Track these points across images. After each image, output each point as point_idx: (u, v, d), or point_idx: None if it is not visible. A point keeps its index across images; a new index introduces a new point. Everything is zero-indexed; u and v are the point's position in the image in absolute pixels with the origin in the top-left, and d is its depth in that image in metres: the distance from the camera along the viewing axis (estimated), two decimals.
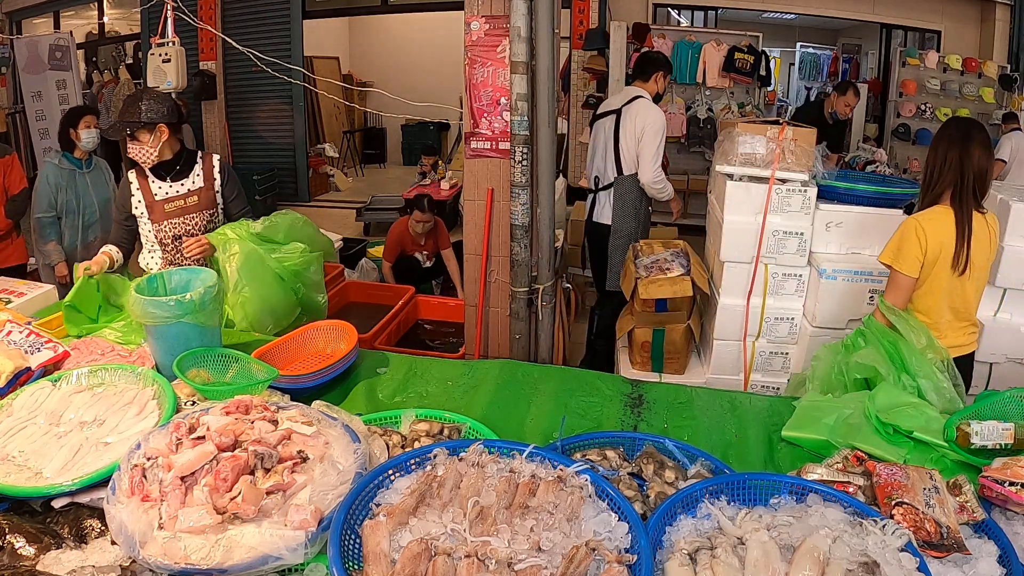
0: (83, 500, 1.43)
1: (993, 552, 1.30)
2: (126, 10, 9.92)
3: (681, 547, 1.24)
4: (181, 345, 1.88)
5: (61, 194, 3.84)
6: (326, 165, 10.00)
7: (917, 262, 2.19)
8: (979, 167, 2.17)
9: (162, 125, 2.58)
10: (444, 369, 2.15)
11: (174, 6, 5.65)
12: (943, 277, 2.21)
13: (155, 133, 2.57)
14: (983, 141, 2.19)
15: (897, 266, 2.21)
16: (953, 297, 2.25)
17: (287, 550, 1.19)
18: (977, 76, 7.58)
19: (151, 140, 2.57)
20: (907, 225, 2.22)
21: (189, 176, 2.71)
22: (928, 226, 2.18)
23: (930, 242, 2.17)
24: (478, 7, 2.82)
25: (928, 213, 2.21)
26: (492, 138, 2.94)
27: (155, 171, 2.67)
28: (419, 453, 1.43)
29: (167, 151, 2.64)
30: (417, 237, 4.91)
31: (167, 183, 2.68)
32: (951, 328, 2.28)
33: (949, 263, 2.18)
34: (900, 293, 2.23)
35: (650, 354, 3.25)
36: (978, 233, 2.19)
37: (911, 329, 2.15)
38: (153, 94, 2.62)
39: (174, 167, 2.68)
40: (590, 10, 7.42)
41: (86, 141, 3.84)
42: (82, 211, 3.90)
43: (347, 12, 9.89)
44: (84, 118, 3.85)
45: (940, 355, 2.10)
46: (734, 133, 2.99)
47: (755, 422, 1.89)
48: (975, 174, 2.17)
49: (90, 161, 3.97)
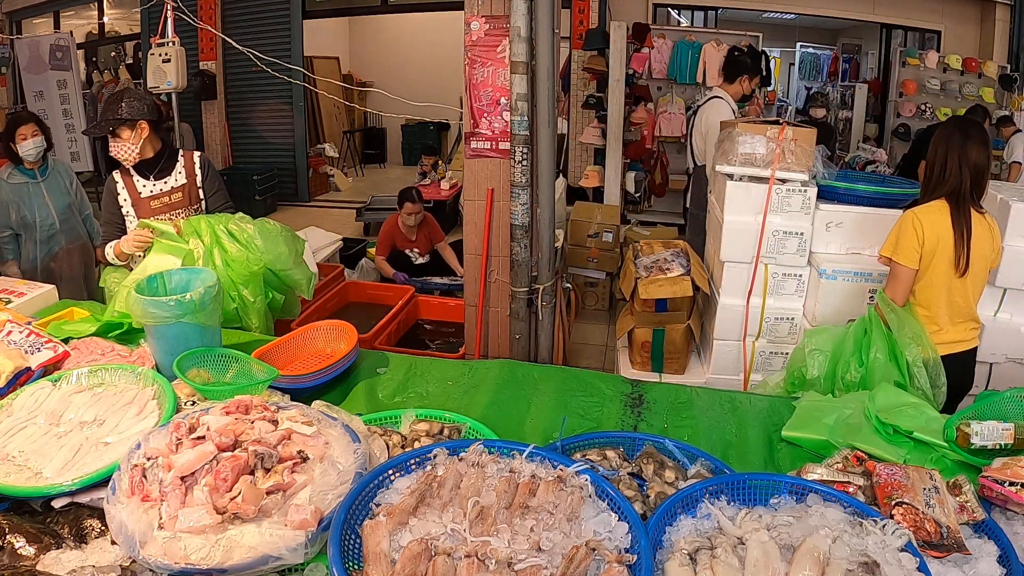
0: (83, 500, 1.43)
1: (993, 552, 1.29)
2: (126, 10, 9.92)
3: (681, 547, 1.24)
4: (181, 345, 1.88)
5: (15, 210, 3.63)
6: (326, 165, 10.01)
7: (915, 253, 2.22)
8: (976, 165, 2.21)
9: (143, 122, 2.61)
10: (444, 369, 2.15)
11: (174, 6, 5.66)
12: (941, 271, 2.24)
13: (136, 130, 2.60)
14: (981, 139, 2.23)
15: (896, 258, 2.25)
16: (952, 292, 2.27)
17: (287, 550, 1.19)
18: (977, 76, 7.58)
19: (132, 137, 2.60)
20: (904, 218, 2.26)
21: (172, 173, 2.74)
22: (925, 218, 2.21)
23: (927, 234, 2.20)
24: (478, 7, 2.82)
25: (925, 207, 2.25)
26: (492, 138, 2.94)
27: (138, 169, 2.70)
28: (419, 453, 1.43)
29: (148, 149, 2.66)
30: (408, 231, 4.91)
31: (151, 181, 2.71)
32: (951, 323, 2.30)
33: (947, 258, 2.21)
34: (900, 286, 2.26)
35: (650, 354, 3.25)
36: (978, 232, 2.21)
37: (901, 324, 2.20)
38: (133, 93, 2.65)
39: (156, 165, 2.71)
40: (590, 10, 7.43)
41: (27, 152, 3.59)
42: (39, 224, 3.70)
43: (347, 12, 9.89)
44: (19, 129, 3.57)
45: (926, 353, 2.15)
46: (734, 133, 2.99)
47: (755, 422, 1.89)
48: (973, 173, 2.21)
49: (44, 169, 3.73)
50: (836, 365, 2.32)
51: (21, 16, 9.44)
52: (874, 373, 2.21)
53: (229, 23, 8.48)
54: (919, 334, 2.21)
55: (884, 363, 2.22)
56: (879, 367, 2.22)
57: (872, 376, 2.20)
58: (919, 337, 2.20)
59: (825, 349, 2.35)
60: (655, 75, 7.50)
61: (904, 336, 2.21)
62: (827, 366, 2.33)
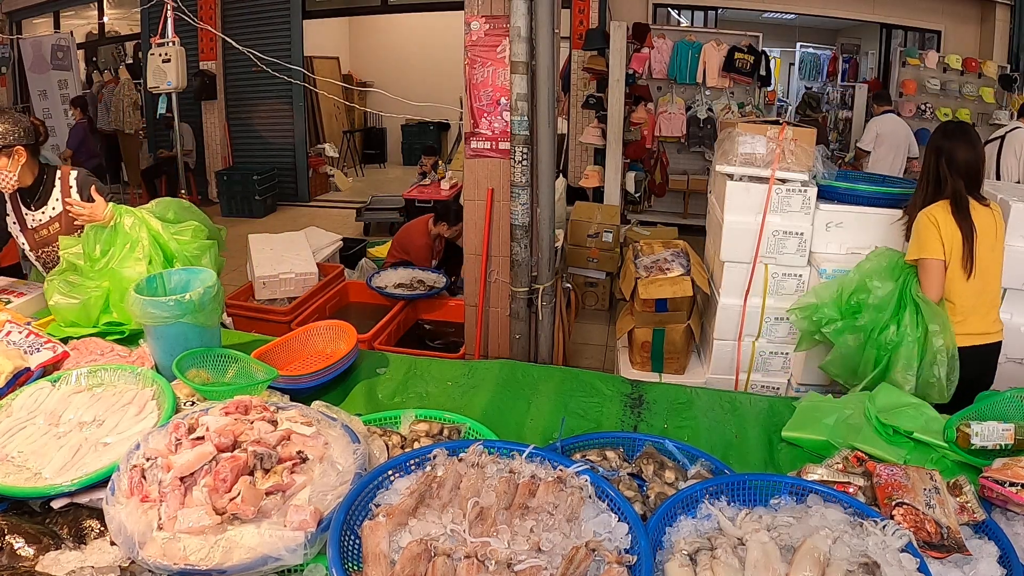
0: (82, 500, 1.42)
1: (993, 553, 1.29)
2: (126, 10, 9.93)
3: (681, 548, 1.24)
4: (180, 345, 1.88)
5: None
6: (326, 165, 10.00)
7: (939, 243, 2.32)
8: (967, 164, 2.35)
9: (20, 148, 2.39)
10: (444, 369, 2.15)
11: (174, 6, 5.66)
12: (958, 264, 2.35)
13: (13, 157, 2.38)
14: (967, 139, 2.38)
15: (923, 254, 2.33)
16: (972, 283, 2.35)
17: (286, 551, 1.19)
18: (977, 76, 7.58)
19: (9, 165, 2.38)
20: (920, 219, 2.37)
21: (48, 202, 2.55)
22: (938, 215, 2.33)
23: (943, 228, 2.31)
24: (478, 7, 2.82)
25: (935, 206, 2.36)
26: (492, 138, 2.94)
27: (21, 198, 2.54)
28: (419, 453, 1.43)
29: (27, 175, 2.46)
30: (436, 245, 4.82)
31: (31, 211, 2.55)
32: (975, 314, 2.38)
33: (959, 255, 2.33)
34: (933, 279, 2.33)
35: (650, 354, 3.25)
36: (983, 226, 2.33)
37: (933, 313, 2.31)
38: (7, 115, 2.41)
39: (35, 193, 2.53)
40: (590, 10, 7.43)
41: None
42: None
43: (347, 12, 9.90)
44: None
45: (947, 343, 2.27)
46: (734, 133, 2.99)
47: (755, 422, 1.89)
48: (965, 173, 2.34)
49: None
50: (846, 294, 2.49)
51: (21, 16, 9.45)
52: (904, 339, 2.34)
53: (229, 23, 8.48)
54: (947, 325, 2.31)
55: (912, 341, 2.32)
56: (907, 343, 2.33)
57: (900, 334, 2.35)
58: (946, 329, 2.30)
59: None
60: (655, 75, 7.50)
61: (934, 324, 2.31)
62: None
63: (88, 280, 2.28)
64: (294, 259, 4.37)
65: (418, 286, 4.34)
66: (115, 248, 2.30)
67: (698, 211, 6.96)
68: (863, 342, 2.42)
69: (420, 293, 4.26)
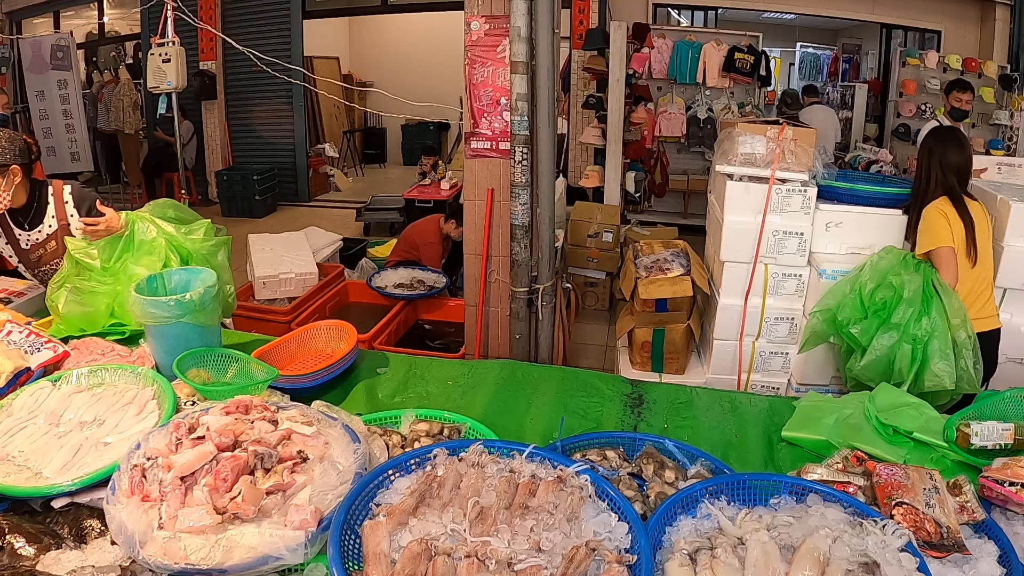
0: (83, 500, 1.42)
1: (993, 552, 1.29)
2: (126, 10, 9.92)
3: (681, 547, 1.24)
4: (181, 345, 1.88)
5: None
6: (326, 165, 10.00)
7: (950, 233, 2.46)
8: (957, 165, 2.53)
9: (15, 167, 2.33)
10: (444, 369, 2.15)
11: (174, 6, 5.66)
12: (963, 253, 2.47)
13: (7, 176, 2.33)
14: (957, 142, 2.56)
15: (940, 243, 2.45)
16: (975, 270, 2.49)
17: (287, 550, 1.19)
18: (977, 76, 7.57)
19: (3, 184, 2.33)
20: (928, 212, 2.50)
21: (44, 220, 2.50)
22: (944, 207, 2.48)
23: (951, 218, 2.46)
24: (478, 7, 2.82)
25: (938, 200, 2.50)
26: (492, 138, 2.94)
27: (12, 218, 2.48)
28: (419, 453, 1.43)
29: (21, 194, 2.41)
30: (446, 244, 4.82)
31: (26, 231, 2.50)
32: (979, 299, 2.52)
33: (963, 245, 2.46)
34: (948, 267, 2.44)
35: (650, 354, 3.25)
36: (978, 219, 2.49)
37: (952, 306, 2.39)
38: (2, 134, 2.35)
39: (29, 212, 2.47)
40: (590, 10, 7.42)
41: None
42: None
43: (347, 12, 9.90)
44: None
45: (969, 333, 2.36)
46: (734, 133, 2.99)
47: (755, 422, 1.89)
48: (956, 173, 2.52)
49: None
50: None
51: (21, 16, 9.44)
52: (936, 328, 2.39)
53: (229, 23, 8.48)
54: (966, 318, 2.39)
55: (943, 330, 2.38)
56: (939, 333, 2.38)
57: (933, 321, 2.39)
58: (966, 320, 2.38)
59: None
60: (655, 75, 7.50)
61: (955, 317, 2.38)
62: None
63: (98, 283, 2.25)
64: (294, 259, 4.37)
65: (418, 286, 4.35)
66: (130, 254, 2.27)
67: (698, 211, 6.95)
68: (897, 339, 2.44)
69: (420, 293, 4.27)
